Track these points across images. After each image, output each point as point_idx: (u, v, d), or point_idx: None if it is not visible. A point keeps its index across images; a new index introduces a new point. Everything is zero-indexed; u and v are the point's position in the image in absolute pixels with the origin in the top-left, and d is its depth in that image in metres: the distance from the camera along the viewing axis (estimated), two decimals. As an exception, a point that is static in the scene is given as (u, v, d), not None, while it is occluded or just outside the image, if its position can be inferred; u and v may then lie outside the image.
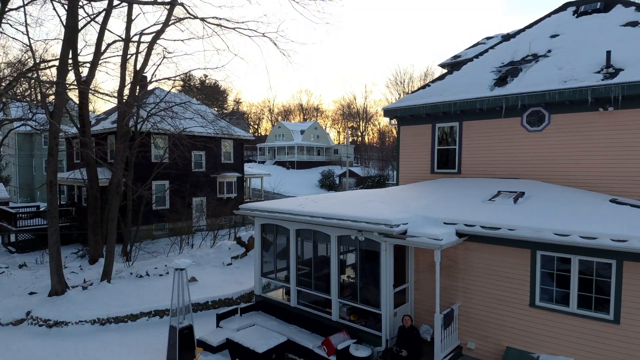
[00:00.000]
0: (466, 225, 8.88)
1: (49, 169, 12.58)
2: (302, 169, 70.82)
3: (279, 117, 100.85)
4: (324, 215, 10.13)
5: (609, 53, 10.70)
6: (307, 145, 75.40)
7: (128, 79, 16.64)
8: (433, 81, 14.75)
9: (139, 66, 15.44)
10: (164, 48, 22.50)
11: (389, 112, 14.68)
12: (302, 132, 78.57)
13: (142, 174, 22.89)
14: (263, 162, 75.38)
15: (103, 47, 15.80)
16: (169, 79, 18.07)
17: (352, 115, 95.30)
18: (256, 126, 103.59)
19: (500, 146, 12.49)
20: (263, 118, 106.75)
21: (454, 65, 16.82)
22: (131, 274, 14.70)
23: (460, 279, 9.41)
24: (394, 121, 15.21)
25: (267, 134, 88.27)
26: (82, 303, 12.46)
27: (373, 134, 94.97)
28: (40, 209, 27.45)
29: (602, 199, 9.50)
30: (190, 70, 19.31)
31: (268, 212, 11.61)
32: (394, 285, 9.61)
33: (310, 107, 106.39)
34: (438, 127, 13.84)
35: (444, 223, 9.14)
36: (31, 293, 13.74)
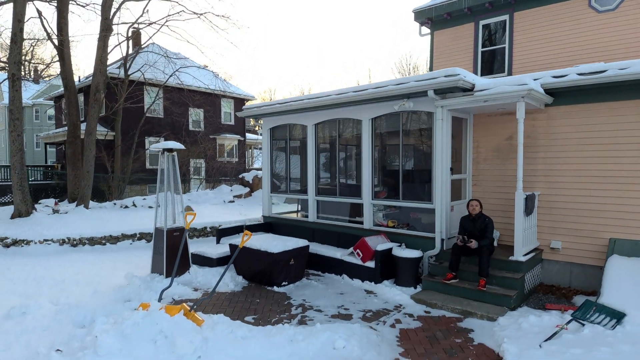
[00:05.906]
0: (555, 77, 6.58)
1: (11, 59, 10.21)
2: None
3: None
4: (356, 89, 7.83)
5: None
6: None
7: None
8: (473, -24, 12.39)
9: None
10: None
11: (421, 14, 12.37)
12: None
13: (133, 125, 20.62)
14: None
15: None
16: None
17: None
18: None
19: (562, 36, 10.28)
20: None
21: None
22: (114, 204, 12.32)
23: (541, 159, 7.08)
24: (425, 29, 12.91)
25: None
26: (49, 225, 10.09)
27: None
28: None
29: None
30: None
31: (279, 105, 9.29)
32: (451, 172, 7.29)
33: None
34: (482, 24, 11.57)
35: (520, 84, 6.82)
36: (-8, 221, 11.37)
